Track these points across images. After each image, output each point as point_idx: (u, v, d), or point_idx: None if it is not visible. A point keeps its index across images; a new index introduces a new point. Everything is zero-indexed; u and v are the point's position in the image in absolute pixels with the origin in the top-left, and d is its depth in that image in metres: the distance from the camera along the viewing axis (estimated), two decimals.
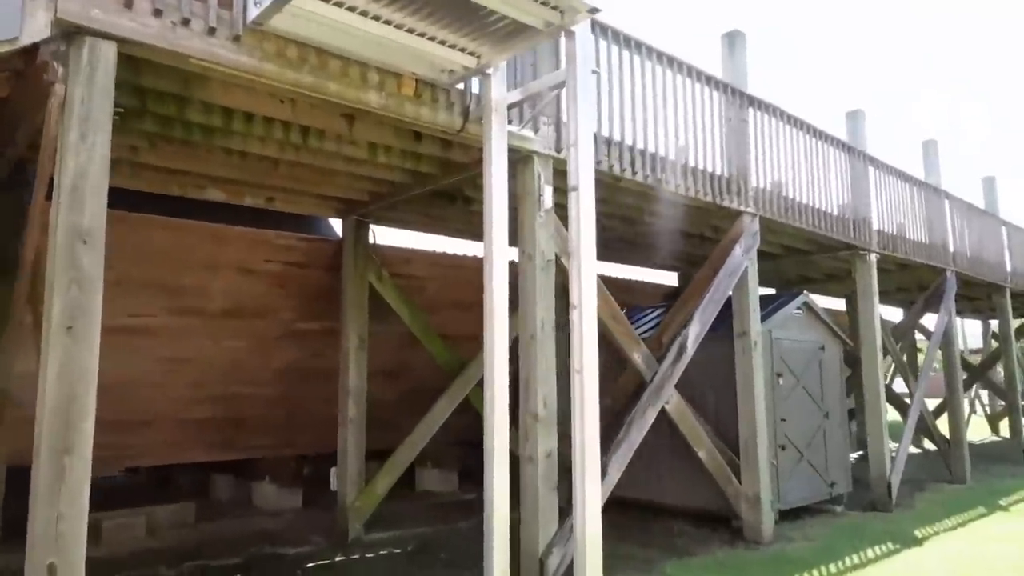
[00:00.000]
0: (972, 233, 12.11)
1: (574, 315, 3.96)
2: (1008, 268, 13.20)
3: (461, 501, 9.42)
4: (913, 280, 11.79)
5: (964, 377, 17.35)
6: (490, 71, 4.42)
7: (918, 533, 7.35)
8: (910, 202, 10.21)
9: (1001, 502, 9.20)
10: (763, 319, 7.87)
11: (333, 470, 7.47)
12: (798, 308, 8.43)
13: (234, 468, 9.69)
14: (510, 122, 4.97)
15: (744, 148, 7.28)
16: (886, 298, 14.70)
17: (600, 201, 7.15)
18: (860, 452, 13.54)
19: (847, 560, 6.25)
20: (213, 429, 8.30)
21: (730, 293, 7.21)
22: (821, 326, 8.78)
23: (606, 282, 10.21)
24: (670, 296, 10.85)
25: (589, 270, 4.02)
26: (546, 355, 5.17)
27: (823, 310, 8.76)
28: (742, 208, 7.13)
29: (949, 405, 11.05)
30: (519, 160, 5.30)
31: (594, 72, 4.88)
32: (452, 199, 6.86)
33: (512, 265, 4.62)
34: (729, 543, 6.81)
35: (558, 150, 5.38)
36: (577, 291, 3.99)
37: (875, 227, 9.27)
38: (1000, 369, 16.04)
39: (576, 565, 3.85)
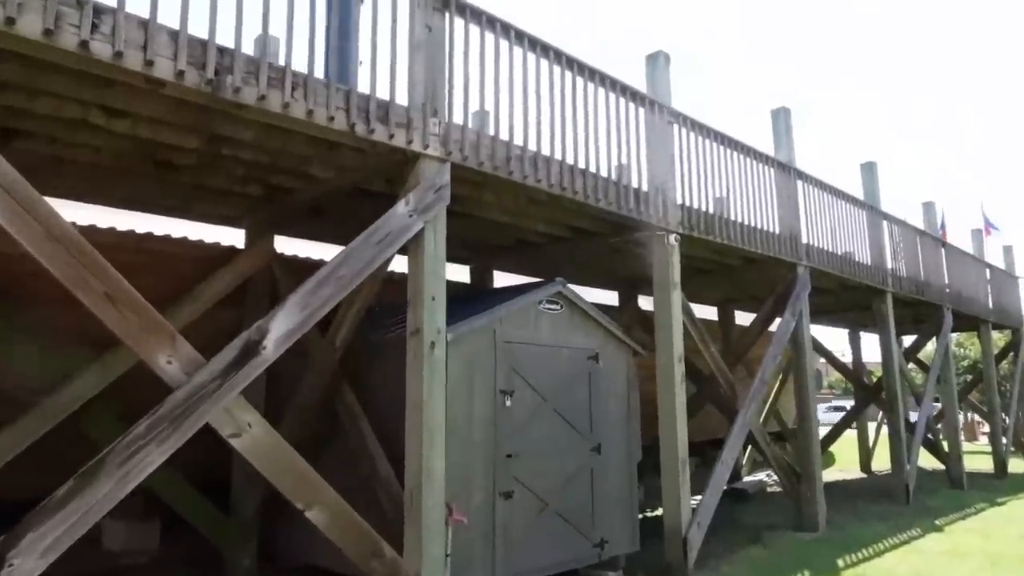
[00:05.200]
0: (841, 225, 10.12)
1: None
2: (890, 268, 11.24)
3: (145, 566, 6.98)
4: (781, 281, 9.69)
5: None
6: None
7: None
8: (741, 177, 8.12)
9: (841, 562, 7.04)
10: (483, 311, 5.64)
11: None
12: (550, 301, 6.20)
13: None
14: None
15: (434, 67, 5.07)
16: (752, 304, 12.65)
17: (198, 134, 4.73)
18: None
19: None
20: None
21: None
22: (594, 328, 6.56)
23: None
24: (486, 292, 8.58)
25: None
26: None
27: (590, 304, 6.54)
28: (417, 148, 4.89)
29: (800, 433, 8.92)
30: None
31: None
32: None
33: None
34: None
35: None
36: None
37: (679, 202, 7.14)
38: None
39: None
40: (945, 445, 13.29)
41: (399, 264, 5.83)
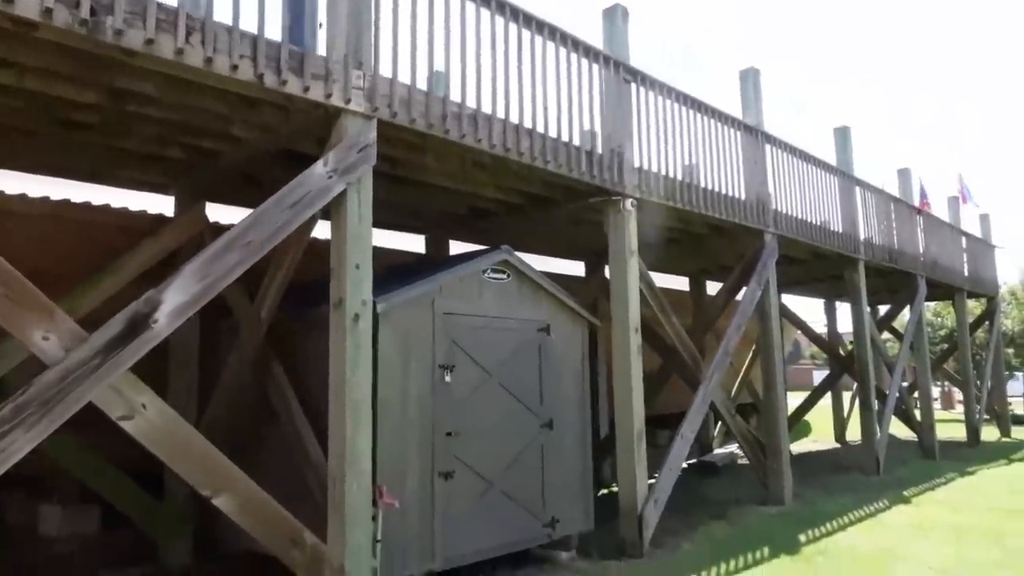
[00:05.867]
0: (812, 191, 9.80)
1: None
2: (862, 236, 10.97)
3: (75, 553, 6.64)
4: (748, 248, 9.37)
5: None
6: None
7: None
8: (705, 139, 7.75)
9: (803, 537, 6.82)
10: (420, 280, 5.28)
11: None
12: (495, 270, 5.85)
13: None
14: None
15: (359, 15, 4.66)
16: (725, 274, 12.39)
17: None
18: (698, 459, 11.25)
19: None
20: None
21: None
22: (545, 298, 6.22)
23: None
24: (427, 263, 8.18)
25: None
26: None
27: (540, 274, 6.19)
28: (338, 103, 4.48)
29: (765, 404, 8.69)
30: None
31: None
32: None
33: None
34: None
35: None
36: None
37: (636, 165, 6.78)
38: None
39: None
40: (918, 414, 13.16)
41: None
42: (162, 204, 6.65)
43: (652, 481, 6.64)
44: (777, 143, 9.00)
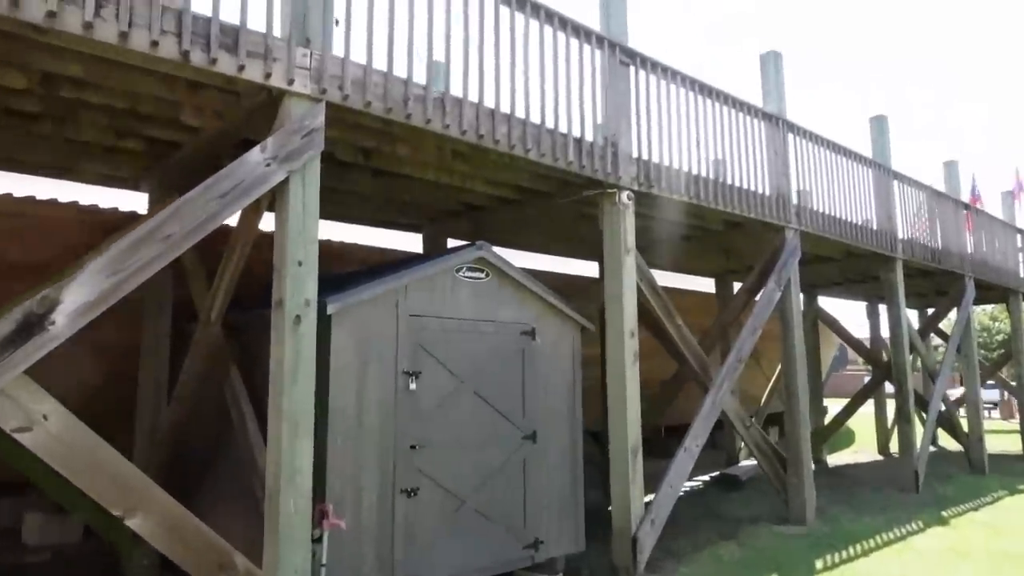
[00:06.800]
0: (842, 185, 9.08)
1: None
2: (900, 235, 10.16)
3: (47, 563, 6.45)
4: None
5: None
6: None
7: None
8: (716, 127, 7.15)
9: (820, 563, 6.18)
10: (386, 277, 4.86)
11: None
12: (472, 268, 5.38)
13: None
14: None
15: None
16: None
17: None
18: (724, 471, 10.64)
19: None
20: None
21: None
22: (530, 299, 5.73)
23: None
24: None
25: None
26: None
27: (524, 273, 5.70)
28: (279, 84, 4.09)
29: (786, 414, 8.02)
30: None
31: None
32: None
33: None
34: None
35: None
36: None
37: (634, 155, 6.24)
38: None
39: None
40: (965, 425, 12.22)
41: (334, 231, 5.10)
42: (132, 200, 6.39)
43: (650, 499, 6.10)
44: (801, 132, 8.32)
